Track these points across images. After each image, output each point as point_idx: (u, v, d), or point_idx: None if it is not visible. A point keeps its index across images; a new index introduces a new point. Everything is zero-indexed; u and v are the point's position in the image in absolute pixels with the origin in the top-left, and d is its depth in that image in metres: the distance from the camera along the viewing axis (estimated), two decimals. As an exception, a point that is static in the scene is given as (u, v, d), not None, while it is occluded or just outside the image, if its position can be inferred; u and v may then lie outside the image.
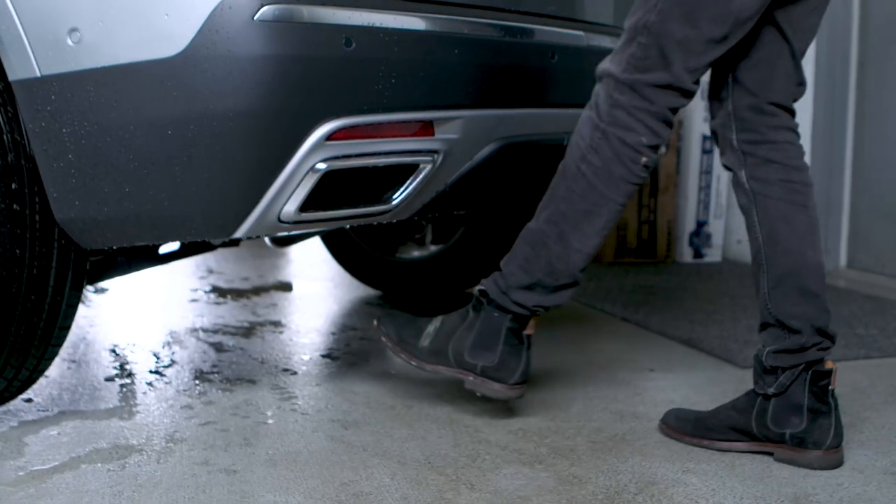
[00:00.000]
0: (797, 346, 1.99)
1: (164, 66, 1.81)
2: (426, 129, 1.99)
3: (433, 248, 3.62)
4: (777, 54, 1.98)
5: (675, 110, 1.95)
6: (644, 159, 1.96)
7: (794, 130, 2.06)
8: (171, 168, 1.86)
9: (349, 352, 2.89)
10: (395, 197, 2.03)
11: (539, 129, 2.21)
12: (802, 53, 2.01)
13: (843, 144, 4.38)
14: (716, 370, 2.74)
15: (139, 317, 3.33)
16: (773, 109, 2.01)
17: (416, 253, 3.66)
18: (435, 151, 2.01)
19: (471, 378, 2.14)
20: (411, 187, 2.03)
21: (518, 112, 2.14)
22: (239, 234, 1.92)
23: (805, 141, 4.32)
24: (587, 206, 2.00)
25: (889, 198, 4.17)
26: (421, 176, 2.02)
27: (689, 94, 1.94)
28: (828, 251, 4.39)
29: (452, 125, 2.01)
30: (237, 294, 3.76)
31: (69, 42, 1.87)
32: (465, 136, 2.04)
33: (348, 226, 2.16)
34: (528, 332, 2.15)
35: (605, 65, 1.97)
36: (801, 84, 2.03)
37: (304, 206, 1.92)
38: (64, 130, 1.90)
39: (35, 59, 1.90)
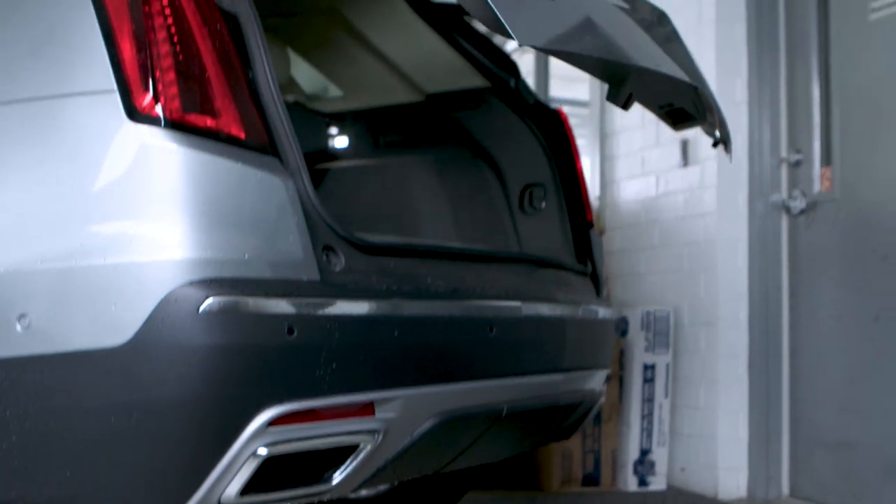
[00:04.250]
0: None
1: (111, 354, 1.86)
2: (366, 409, 2.03)
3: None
4: None
5: None
6: None
7: None
8: (114, 453, 1.88)
9: None
10: (335, 476, 2.05)
11: (478, 402, 2.27)
12: None
13: (779, 373, 4.47)
14: None
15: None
16: None
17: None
18: (375, 430, 2.05)
19: None
20: (352, 466, 2.06)
21: (457, 387, 2.20)
22: (179, 518, 1.93)
23: (741, 371, 4.45)
24: None
25: (826, 426, 4.24)
26: (361, 455, 2.06)
27: None
28: (770, 479, 4.44)
29: (392, 404, 2.06)
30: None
31: (18, 327, 1.91)
32: (405, 414, 2.09)
33: (289, 503, 2.19)
34: None
35: None
36: None
37: (245, 490, 1.94)
38: (8, 412, 1.92)
39: (-17, 342, 1.94)
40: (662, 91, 2.51)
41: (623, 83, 2.37)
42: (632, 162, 5.11)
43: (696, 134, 4.59)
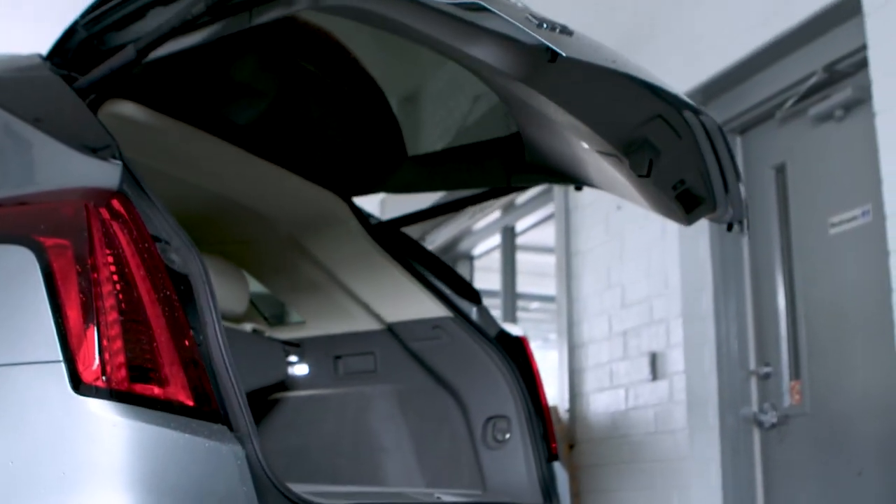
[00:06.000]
0: None
1: None
2: None
3: None
4: None
5: None
6: None
7: None
8: None
9: None
10: None
11: None
12: None
13: None
14: None
15: None
16: None
17: None
18: None
19: None
20: None
21: None
22: None
23: None
24: None
25: None
26: None
27: None
28: None
29: None
30: None
31: None
32: None
33: None
34: None
35: None
36: None
37: None
38: None
39: None
40: (680, 157, 2.47)
41: (641, 148, 2.43)
42: (600, 374, 5.08)
43: (664, 347, 4.59)
